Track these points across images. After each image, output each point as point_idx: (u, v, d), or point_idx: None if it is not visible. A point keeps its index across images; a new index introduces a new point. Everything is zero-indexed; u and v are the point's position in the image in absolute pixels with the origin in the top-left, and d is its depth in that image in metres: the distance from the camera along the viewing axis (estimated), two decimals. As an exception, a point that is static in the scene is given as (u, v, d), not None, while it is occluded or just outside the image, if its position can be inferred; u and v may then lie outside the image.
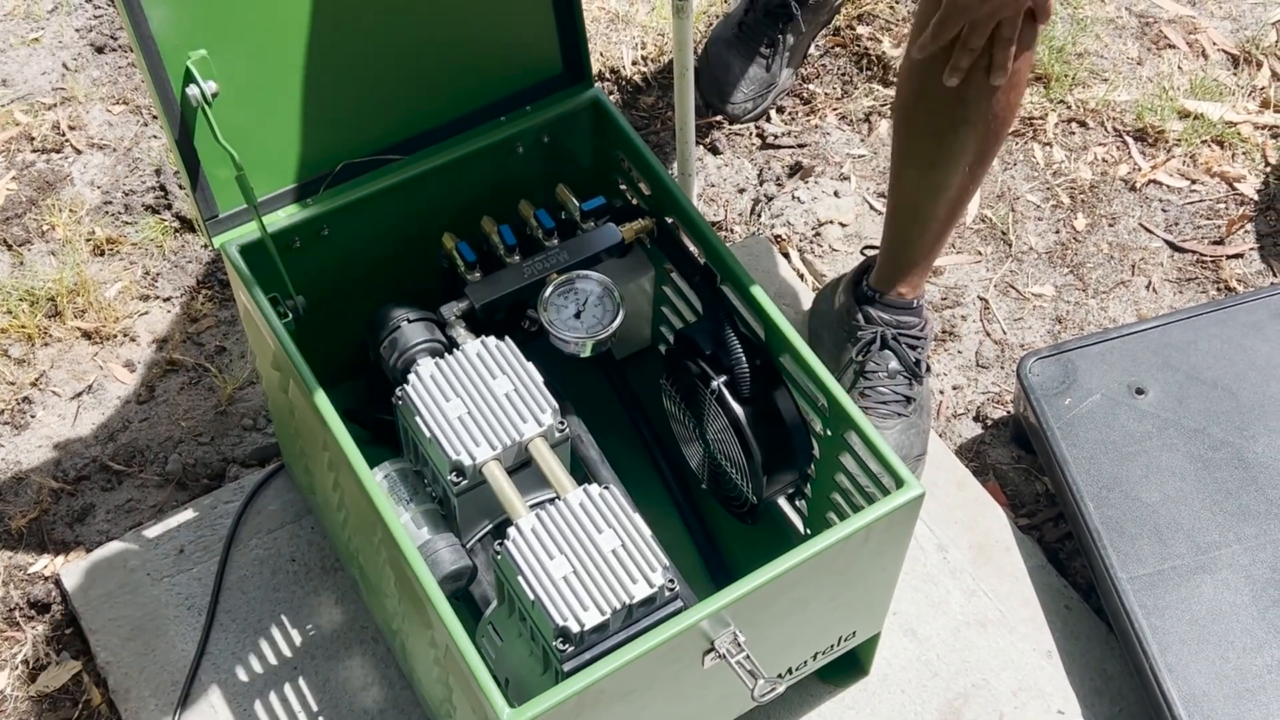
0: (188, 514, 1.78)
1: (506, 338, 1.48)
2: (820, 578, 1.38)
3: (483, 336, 1.48)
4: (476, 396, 1.43)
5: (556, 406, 1.43)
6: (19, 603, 1.73)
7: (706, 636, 1.32)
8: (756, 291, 1.49)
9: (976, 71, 1.53)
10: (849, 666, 1.67)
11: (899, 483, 1.38)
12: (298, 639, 1.68)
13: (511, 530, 1.35)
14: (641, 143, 1.58)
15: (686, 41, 1.94)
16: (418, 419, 1.42)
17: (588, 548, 1.34)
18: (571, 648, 1.30)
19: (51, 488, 1.82)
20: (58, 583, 1.74)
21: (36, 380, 1.91)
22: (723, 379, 1.51)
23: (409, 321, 1.49)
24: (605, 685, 1.26)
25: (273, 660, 1.67)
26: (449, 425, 1.41)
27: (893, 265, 1.78)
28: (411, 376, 1.44)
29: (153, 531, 1.76)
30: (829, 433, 1.47)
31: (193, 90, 1.38)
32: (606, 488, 1.38)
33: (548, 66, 1.61)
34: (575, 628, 1.29)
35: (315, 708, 1.63)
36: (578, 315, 1.51)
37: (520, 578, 1.32)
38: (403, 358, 1.48)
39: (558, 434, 1.44)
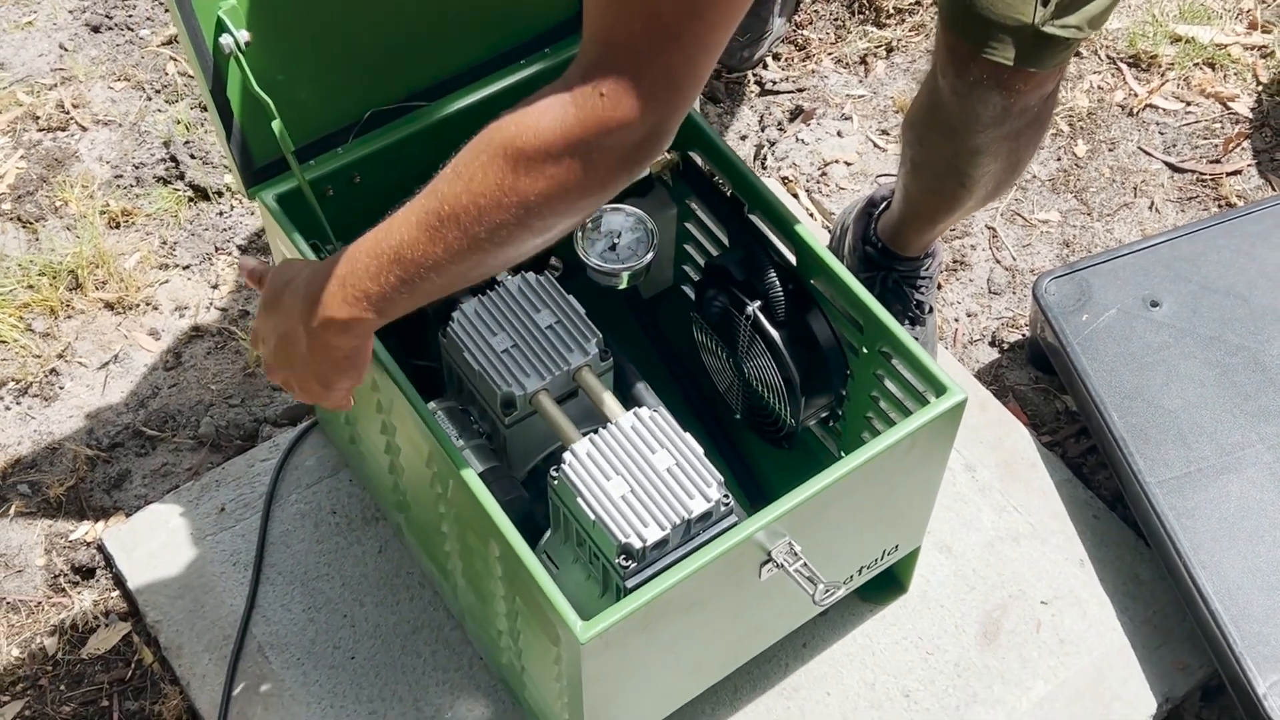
0: (225, 474, 1.79)
1: (546, 272, 1.50)
2: (869, 487, 1.41)
3: (521, 272, 1.50)
4: (521, 329, 1.45)
5: (600, 336, 1.46)
6: (63, 569, 1.74)
7: (763, 548, 1.35)
8: (786, 215, 1.52)
9: (978, 161, 1.55)
10: (888, 585, 1.70)
11: (939, 391, 1.41)
12: (345, 588, 1.70)
13: (567, 455, 1.37)
14: (663, 78, 1.60)
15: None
16: (465, 355, 1.44)
17: (643, 467, 1.36)
18: (634, 564, 1.33)
19: (86, 455, 1.83)
20: (100, 548, 1.75)
21: (62, 352, 1.92)
22: (757, 304, 1.53)
23: (448, 261, 1.51)
24: (670, 597, 1.29)
25: (322, 610, 1.69)
26: (497, 358, 1.44)
27: (899, 236, 1.80)
28: (456, 314, 1.47)
29: (192, 492, 1.78)
30: (864, 350, 1.51)
31: (226, 40, 1.40)
32: (656, 410, 1.41)
33: (564, 9, 1.63)
34: (638, 544, 1.32)
35: (368, 653, 1.65)
36: (613, 248, 1.54)
37: (580, 499, 1.34)
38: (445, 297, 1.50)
39: (602, 363, 1.46)
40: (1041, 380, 1.91)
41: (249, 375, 1.90)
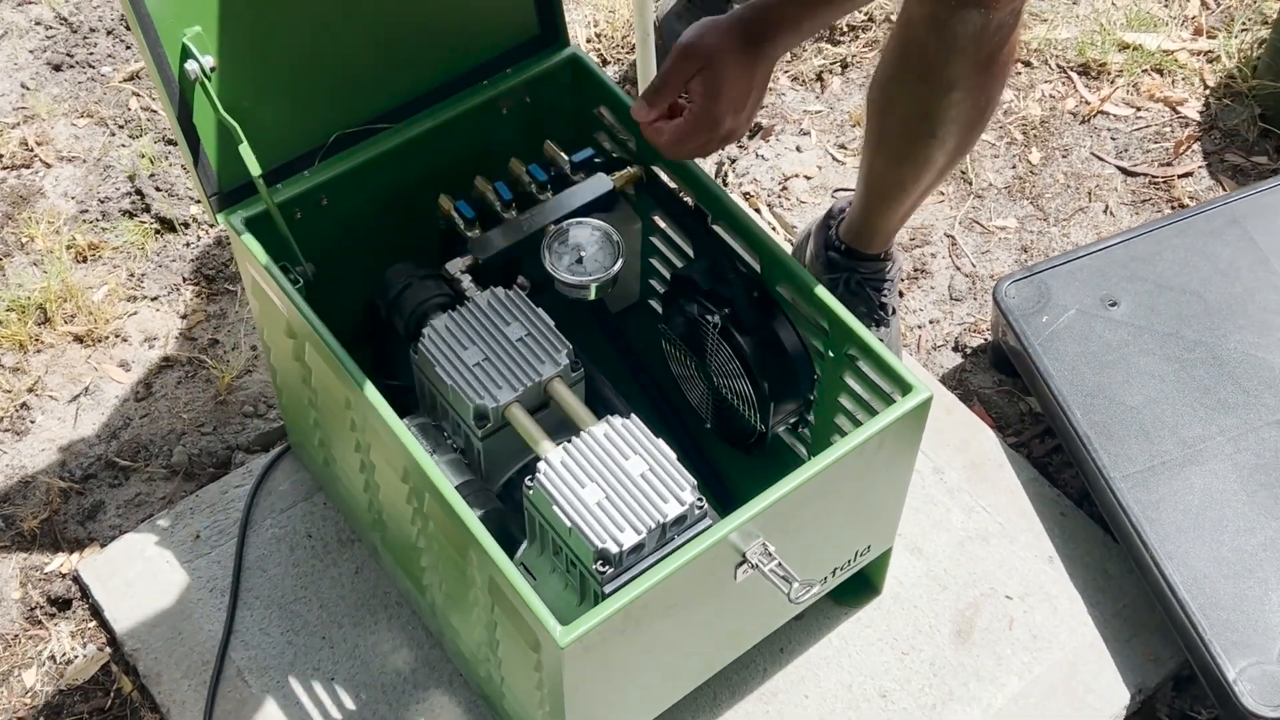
0: (199, 501, 1.80)
1: (515, 287, 1.52)
2: (840, 486, 1.43)
3: (491, 287, 1.52)
4: (492, 343, 1.47)
5: (570, 347, 1.48)
6: (39, 601, 1.74)
7: (738, 549, 1.36)
8: (749, 224, 1.54)
9: (951, 99, 1.58)
10: (862, 588, 1.72)
11: (905, 389, 1.44)
12: (322, 610, 1.71)
13: (541, 464, 1.39)
14: (622, 94, 1.63)
15: (646, 4, 2.00)
16: (438, 369, 1.46)
17: (617, 473, 1.38)
18: (611, 569, 1.34)
19: (59, 488, 1.83)
20: (76, 579, 1.75)
21: (33, 386, 1.92)
22: (724, 312, 1.56)
23: (418, 279, 1.53)
24: (648, 600, 1.30)
25: (300, 633, 1.69)
26: (469, 372, 1.45)
27: (863, 229, 1.84)
28: (427, 330, 1.48)
29: (166, 521, 1.78)
30: (831, 354, 1.53)
31: (191, 65, 1.42)
32: (628, 417, 1.43)
33: (525, 29, 1.65)
34: (614, 549, 1.33)
35: (348, 673, 1.66)
36: (579, 261, 1.56)
37: (555, 507, 1.36)
38: (415, 313, 1.52)
39: (573, 374, 1.48)
40: (1005, 383, 1.94)
41: (220, 403, 1.91)
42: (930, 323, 2.02)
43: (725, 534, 1.33)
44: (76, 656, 1.71)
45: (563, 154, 1.63)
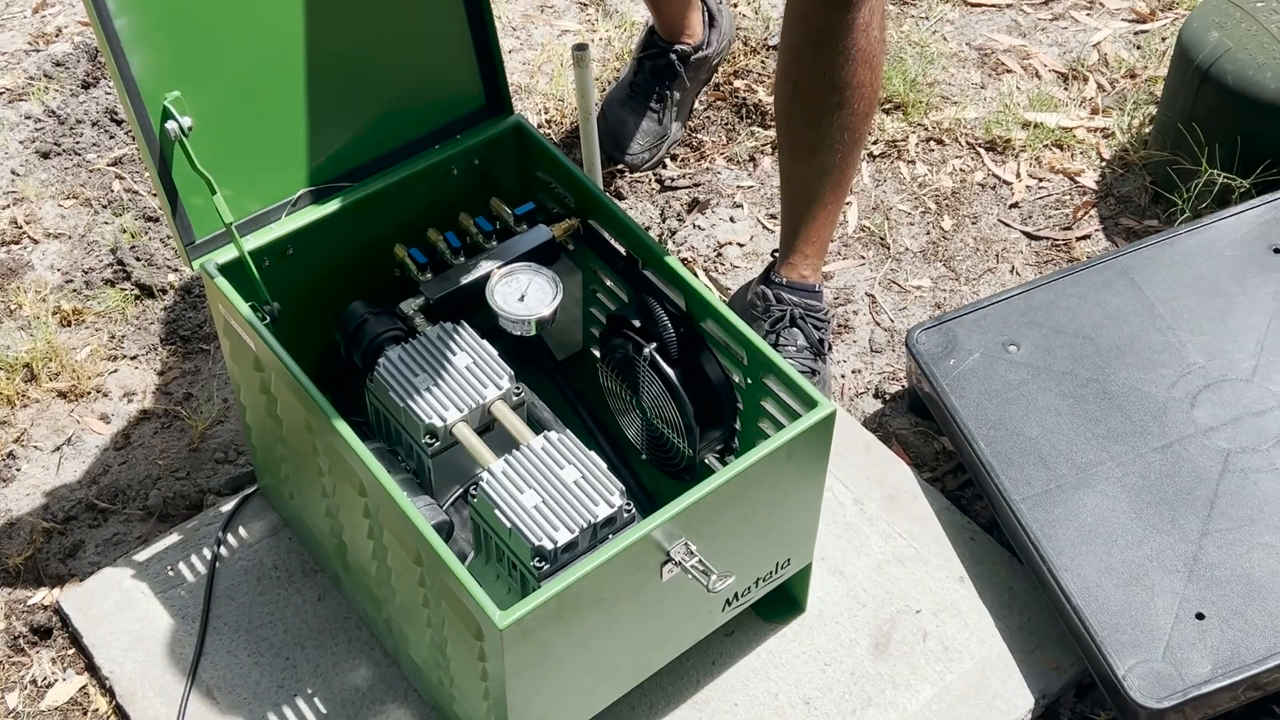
0: (173, 539, 1.93)
1: (462, 321, 1.69)
2: (754, 492, 1.58)
3: (440, 323, 1.68)
4: (441, 369, 1.63)
5: (512, 373, 1.64)
6: (22, 631, 1.87)
7: (661, 547, 1.51)
8: (676, 266, 1.72)
9: (841, 61, 1.80)
10: (788, 608, 1.86)
11: (811, 405, 1.60)
12: (286, 634, 1.84)
13: (484, 473, 1.54)
14: (561, 155, 1.82)
15: (588, 89, 2.20)
16: (391, 394, 1.62)
17: (553, 480, 1.53)
18: (547, 565, 1.49)
19: (43, 528, 1.96)
20: (57, 610, 1.88)
21: (19, 438, 2.07)
22: (653, 346, 1.72)
23: (374, 315, 1.70)
24: (581, 589, 1.45)
25: (266, 654, 1.82)
26: (419, 395, 1.61)
27: (794, 251, 2.04)
28: (382, 359, 1.64)
29: (142, 556, 1.92)
30: (749, 381, 1.69)
31: (171, 125, 1.59)
32: (563, 433, 1.58)
33: (473, 100, 1.85)
34: (549, 545, 1.48)
35: (310, 690, 1.78)
36: (522, 299, 1.72)
37: (497, 511, 1.51)
38: (371, 346, 1.68)
39: (515, 397, 1.64)
40: (920, 425, 2.11)
41: (193, 451, 2.06)
42: (853, 372, 2.19)
43: (649, 530, 1.48)
44: (56, 680, 1.83)
45: (507, 208, 1.81)
